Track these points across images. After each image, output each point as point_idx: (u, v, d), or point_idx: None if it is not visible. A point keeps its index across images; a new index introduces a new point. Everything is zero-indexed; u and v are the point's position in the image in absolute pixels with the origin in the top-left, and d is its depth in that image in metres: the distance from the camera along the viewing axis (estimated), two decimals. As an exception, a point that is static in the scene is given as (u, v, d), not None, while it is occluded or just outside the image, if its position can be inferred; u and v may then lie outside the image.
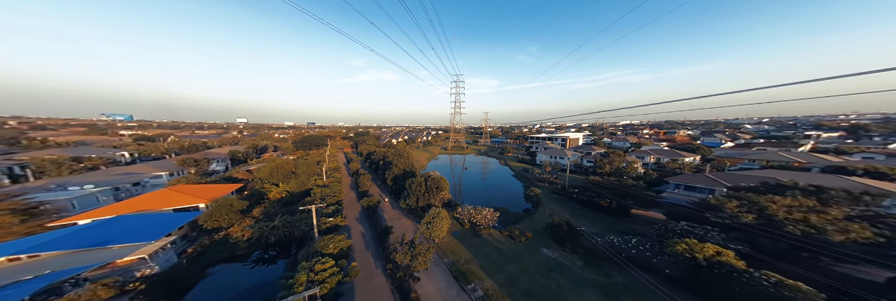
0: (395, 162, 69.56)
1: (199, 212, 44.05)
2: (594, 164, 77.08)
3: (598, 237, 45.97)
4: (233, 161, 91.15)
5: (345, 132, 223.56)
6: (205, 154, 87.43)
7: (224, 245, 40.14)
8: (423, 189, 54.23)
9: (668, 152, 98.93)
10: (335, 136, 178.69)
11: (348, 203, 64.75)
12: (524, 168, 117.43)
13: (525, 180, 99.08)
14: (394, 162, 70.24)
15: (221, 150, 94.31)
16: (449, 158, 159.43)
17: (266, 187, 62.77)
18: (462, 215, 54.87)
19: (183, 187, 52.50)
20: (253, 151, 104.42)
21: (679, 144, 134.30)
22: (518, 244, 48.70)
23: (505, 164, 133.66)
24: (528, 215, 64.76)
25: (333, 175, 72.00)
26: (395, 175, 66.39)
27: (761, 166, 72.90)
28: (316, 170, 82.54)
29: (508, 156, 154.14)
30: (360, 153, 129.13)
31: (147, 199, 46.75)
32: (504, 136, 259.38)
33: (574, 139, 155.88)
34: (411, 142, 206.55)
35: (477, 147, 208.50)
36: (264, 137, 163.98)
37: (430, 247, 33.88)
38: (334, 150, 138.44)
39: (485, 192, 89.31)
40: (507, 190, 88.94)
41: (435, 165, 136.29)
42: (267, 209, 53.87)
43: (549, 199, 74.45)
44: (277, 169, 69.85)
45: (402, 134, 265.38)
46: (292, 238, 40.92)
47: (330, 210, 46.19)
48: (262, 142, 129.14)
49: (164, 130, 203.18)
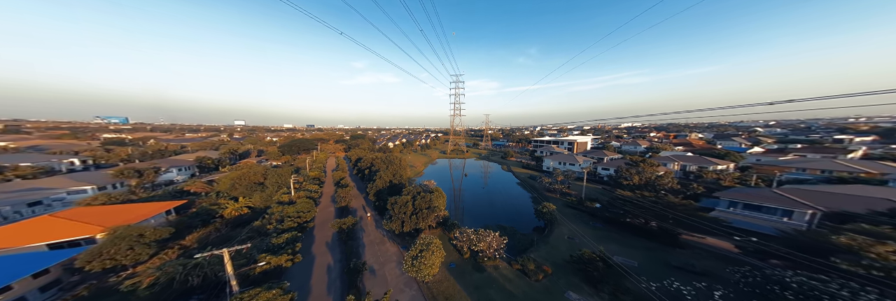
0: (380, 173, 56.63)
1: (87, 246, 31.08)
2: (618, 174, 63.94)
3: (649, 279, 32.90)
4: (202, 169, 78.50)
5: (341, 135, 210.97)
6: (168, 161, 74.81)
7: (114, 296, 27.24)
8: (409, 210, 41.26)
9: (695, 159, 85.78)
10: (328, 140, 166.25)
11: (323, 222, 51.80)
12: (530, 175, 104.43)
13: (532, 190, 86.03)
14: (379, 172, 57.31)
15: (187, 157, 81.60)
16: (448, 163, 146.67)
17: (222, 203, 49.89)
18: (460, 241, 42.01)
19: (78, 211, 39.17)
20: (229, 157, 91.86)
21: (699, 149, 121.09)
22: (534, 284, 35.72)
23: (508, 169, 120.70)
24: (543, 238, 51.77)
25: (307, 187, 59.03)
26: (378, 189, 53.43)
27: (822, 177, 59.82)
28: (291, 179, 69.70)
29: (511, 160, 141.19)
30: (349, 159, 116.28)
31: (10, 230, 33.82)
32: (505, 139, 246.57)
33: (582, 143, 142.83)
34: (409, 145, 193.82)
35: (477, 150, 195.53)
36: (253, 141, 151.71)
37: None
38: (325, 155, 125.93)
39: (487, 204, 76.36)
40: (514, 202, 75.95)
41: (433, 170, 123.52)
42: (211, 234, 40.95)
43: (565, 215, 61.45)
44: (241, 179, 57.07)
45: (401, 137, 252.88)
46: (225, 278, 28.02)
47: (281, 240, 33.26)
48: (245, 146, 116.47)
49: (148, 133, 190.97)
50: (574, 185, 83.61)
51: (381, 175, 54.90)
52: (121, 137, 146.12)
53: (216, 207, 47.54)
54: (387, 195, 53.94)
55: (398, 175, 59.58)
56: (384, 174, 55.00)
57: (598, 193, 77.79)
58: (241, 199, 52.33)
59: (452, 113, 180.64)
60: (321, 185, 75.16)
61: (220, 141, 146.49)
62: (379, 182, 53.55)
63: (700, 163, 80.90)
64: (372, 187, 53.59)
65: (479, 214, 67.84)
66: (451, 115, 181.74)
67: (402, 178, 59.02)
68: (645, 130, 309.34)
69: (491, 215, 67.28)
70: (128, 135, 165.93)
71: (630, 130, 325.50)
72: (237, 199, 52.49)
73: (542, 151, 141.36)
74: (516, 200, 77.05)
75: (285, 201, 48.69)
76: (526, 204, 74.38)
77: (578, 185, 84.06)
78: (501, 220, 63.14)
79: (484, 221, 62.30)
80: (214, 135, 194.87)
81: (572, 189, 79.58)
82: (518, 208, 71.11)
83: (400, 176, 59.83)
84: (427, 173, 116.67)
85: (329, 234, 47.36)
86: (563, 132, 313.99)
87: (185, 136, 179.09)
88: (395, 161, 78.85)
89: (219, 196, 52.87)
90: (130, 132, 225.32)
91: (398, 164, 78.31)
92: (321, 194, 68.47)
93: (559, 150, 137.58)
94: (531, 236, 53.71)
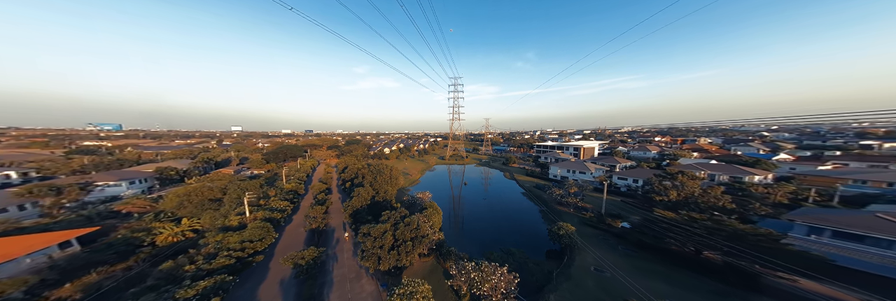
0: (359, 188, 45.29)
1: None
2: (648, 187, 52.61)
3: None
4: (164, 181, 66.74)
5: (335, 141, 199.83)
6: (120, 174, 63.22)
7: None
8: (388, 242, 29.94)
9: (724, 167, 74.39)
10: (321, 146, 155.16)
11: (286, 248, 40.47)
12: (536, 184, 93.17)
13: (540, 202, 74.67)
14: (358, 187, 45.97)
15: (144, 168, 70.07)
16: (447, 169, 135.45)
17: (155, 227, 38.55)
18: (458, 280, 30.96)
19: None
20: (202, 167, 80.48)
21: (718, 155, 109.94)
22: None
23: (511, 177, 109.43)
24: (562, 269, 40.52)
25: (273, 204, 47.61)
26: (355, 208, 42.10)
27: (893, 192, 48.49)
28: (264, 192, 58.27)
29: (514, 167, 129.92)
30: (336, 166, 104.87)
31: None
32: (506, 144, 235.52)
33: (589, 149, 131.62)
34: (406, 151, 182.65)
35: (478, 156, 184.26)
36: (239, 148, 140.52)
37: None
38: (312, 162, 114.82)
39: (490, 218, 65.03)
40: (521, 217, 64.58)
41: (430, 178, 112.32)
42: (118, 274, 29.54)
43: (585, 236, 50.18)
44: (193, 195, 45.81)
45: (399, 142, 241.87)
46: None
47: (192, 292, 21.99)
48: (224, 154, 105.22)
49: (132, 141, 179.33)
50: (588, 196, 72.44)
51: (359, 192, 43.55)
52: (99, 145, 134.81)
53: (144, 234, 36.19)
54: (367, 214, 42.71)
55: (383, 190, 48.29)
56: (364, 191, 43.65)
57: (618, 207, 66.43)
58: (184, 221, 41.03)
59: (451, 117, 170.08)
60: (299, 199, 63.82)
61: (204, 148, 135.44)
62: (356, 200, 42.20)
63: (731, 172, 69.60)
64: (349, 205, 42.25)
65: (480, 232, 56.63)
66: (450, 119, 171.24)
67: (387, 194, 47.67)
68: (647, 135, 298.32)
69: (494, 233, 56.09)
70: (111, 142, 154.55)
71: (632, 134, 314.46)
72: (180, 221, 41.22)
73: (547, 157, 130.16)
74: (523, 215, 65.69)
75: (235, 225, 37.37)
76: (534, 220, 63.04)
77: (594, 198, 72.78)
78: (507, 241, 52.04)
79: (487, 243, 51.34)
80: (204, 141, 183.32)
81: (586, 201, 68.37)
82: (526, 225, 59.79)
83: (385, 191, 48.53)
84: (423, 182, 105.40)
85: (288, 267, 36.03)
86: (563, 136, 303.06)
87: (170, 144, 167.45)
88: (385, 171, 67.62)
89: (160, 217, 41.66)
90: (119, 139, 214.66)
91: (388, 174, 67.09)
92: (298, 209, 57.14)
93: (565, 156, 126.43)
94: (546, 266, 42.39)
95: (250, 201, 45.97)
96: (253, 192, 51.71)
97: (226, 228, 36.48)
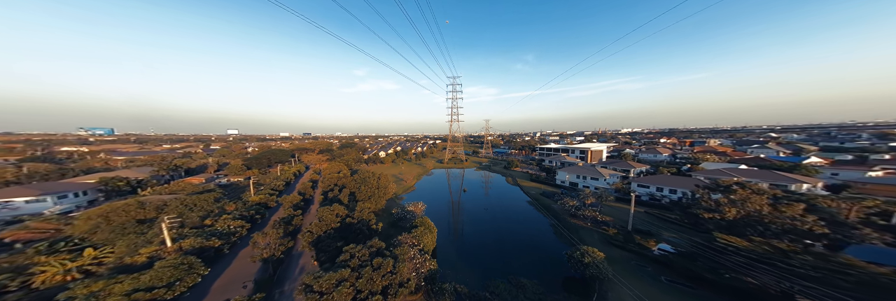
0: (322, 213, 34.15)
1: None
2: (692, 200, 41.48)
3: None
4: (110, 193, 55.18)
5: (329, 144, 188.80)
6: (49, 186, 51.68)
7: None
8: (346, 296, 18.95)
9: (763, 174, 63.47)
10: (313, 150, 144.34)
11: (226, 288, 29.55)
12: (543, 191, 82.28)
13: (550, 212, 63.67)
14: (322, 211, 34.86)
15: (86, 179, 58.65)
16: (445, 173, 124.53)
17: (39, 262, 27.62)
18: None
19: None
20: (166, 175, 69.28)
21: (739, 159, 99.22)
22: None
23: (514, 183, 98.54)
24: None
25: (220, 226, 36.59)
26: (317, 236, 31.04)
27: None
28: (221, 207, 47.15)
29: (516, 171, 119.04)
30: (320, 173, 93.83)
31: None
32: (506, 146, 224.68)
33: (597, 151, 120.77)
34: (403, 154, 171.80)
35: (478, 159, 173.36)
36: (225, 152, 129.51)
37: None
38: (300, 167, 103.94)
39: (492, 231, 54.15)
40: (529, 232, 53.50)
41: (426, 184, 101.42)
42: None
43: (613, 260, 39.34)
44: (112, 216, 34.89)
45: (396, 145, 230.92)
46: None
47: None
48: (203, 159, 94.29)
49: (110, 146, 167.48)
50: (608, 207, 61.60)
51: (322, 214, 32.49)
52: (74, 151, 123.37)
53: (11, 275, 25.25)
54: (337, 240, 31.77)
55: (362, 208, 37.25)
56: (327, 213, 32.49)
57: (644, 221, 55.57)
58: (87, 253, 30.03)
59: (450, 118, 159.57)
60: (268, 214, 52.82)
61: (184, 153, 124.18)
62: (316, 226, 31.09)
63: (773, 179, 58.72)
64: (304, 237, 31.08)
65: (482, 251, 46.03)
66: (449, 120, 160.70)
67: (363, 213, 36.51)
68: (650, 136, 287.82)
69: (499, 253, 45.43)
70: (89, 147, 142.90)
71: (634, 136, 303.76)
72: (83, 252, 30.23)
73: (552, 161, 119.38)
74: (532, 230, 54.62)
75: (141, 263, 26.45)
76: (546, 236, 51.99)
77: (611, 208, 61.95)
78: (515, 264, 41.68)
79: (490, 267, 41.12)
80: (191, 146, 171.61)
81: (604, 212, 57.55)
82: (536, 243, 48.84)
83: (364, 209, 37.47)
84: (419, 189, 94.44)
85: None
86: (564, 138, 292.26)
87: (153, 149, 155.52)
88: (371, 179, 56.68)
89: (58, 246, 30.72)
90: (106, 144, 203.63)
91: (375, 184, 56.17)
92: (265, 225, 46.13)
93: (571, 159, 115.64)
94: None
95: (191, 223, 34.98)
96: (202, 209, 40.68)
97: (122, 269, 25.57)
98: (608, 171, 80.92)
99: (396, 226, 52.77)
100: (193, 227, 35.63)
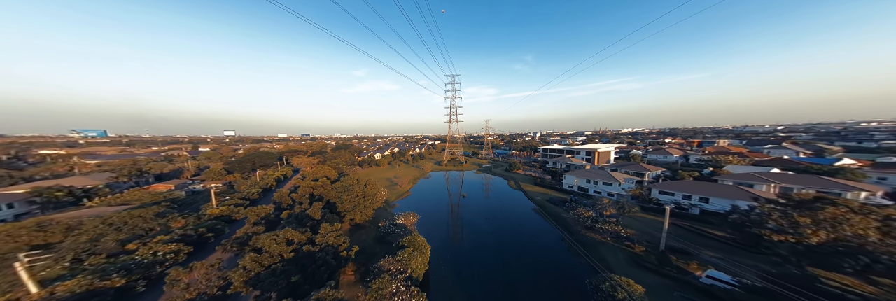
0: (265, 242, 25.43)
1: None
2: (758, 217, 32.07)
3: None
4: (47, 205, 46.07)
5: (323, 145, 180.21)
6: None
7: None
8: None
9: (805, 179, 54.89)
10: (305, 152, 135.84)
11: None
12: (549, 197, 73.61)
13: (559, 223, 55.03)
14: (266, 240, 26.18)
15: (14, 190, 48.94)
16: (444, 176, 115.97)
17: None
18: None
19: None
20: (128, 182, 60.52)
21: (766, 162, 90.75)
22: None
23: (517, 187, 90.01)
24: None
25: (141, 252, 28.03)
26: (256, 274, 22.37)
27: None
28: (165, 223, 38.59)
29: (519, 174, 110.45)
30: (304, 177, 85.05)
31: None
32: (507, 147, 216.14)
33: (604, 153, 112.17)
34: (400, 156, 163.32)
35: (477, 160, 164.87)
36: (211, 155, 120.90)
37: None
38: (287, 170, 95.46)
39: (495, 245, 45.70)
40: (537, 248, 44.75)
41: (422, 188, 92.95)
42: None
43: (652, 295, 30.71)
44: None
45: (394, 146, 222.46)
46: None
47: None
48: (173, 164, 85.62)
49: (93, 148, 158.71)
50: (631, 218, 52.83)
51: (267, 245, 23.64)
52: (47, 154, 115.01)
53: None
54: (281, 279, 23.27)
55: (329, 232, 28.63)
56: (271, 243, 23.63)
57: (675, 236, 46.34)
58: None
59: (449, 118, 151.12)
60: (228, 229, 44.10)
61: (168, 156, 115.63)
62: (253, 262, 22.06)
63: (820, 186, 50.14)
64: (238, 273, 22.25)
65: (483, 273, 37.87)
66: (448, 120, 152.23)
67: (328, 237, 27.80)
68: (652, 136, 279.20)
69: (503, 275, 37.50)
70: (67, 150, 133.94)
71: (635, 135, 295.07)
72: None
73: (556, 163, 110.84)
74: (540, 246, 45.84)
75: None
76: (558, 255, 43.22)
77: (631, 218, 53.25)
78: (522, 291, 33.67)
79: (494, 297, 32.76)
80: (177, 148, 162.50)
81: (623, 223, 48.67)
82: (547, 263, 40.32)
83: (331, 232, 28.84)
84: (414, 194, 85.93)
85: None
86: (565, 138, 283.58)
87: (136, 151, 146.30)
88: (355, 188, 48.06)
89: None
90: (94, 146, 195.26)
91: (360, 192, 47.57)
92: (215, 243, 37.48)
93: (577, 161, 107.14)
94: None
95: (106, 249, 26.36)
96: (135, 228, 32.05)
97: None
98: (622, 176, 72.41)
99: (383, 242, 44.27)
100: (110, 254, 27.07)
